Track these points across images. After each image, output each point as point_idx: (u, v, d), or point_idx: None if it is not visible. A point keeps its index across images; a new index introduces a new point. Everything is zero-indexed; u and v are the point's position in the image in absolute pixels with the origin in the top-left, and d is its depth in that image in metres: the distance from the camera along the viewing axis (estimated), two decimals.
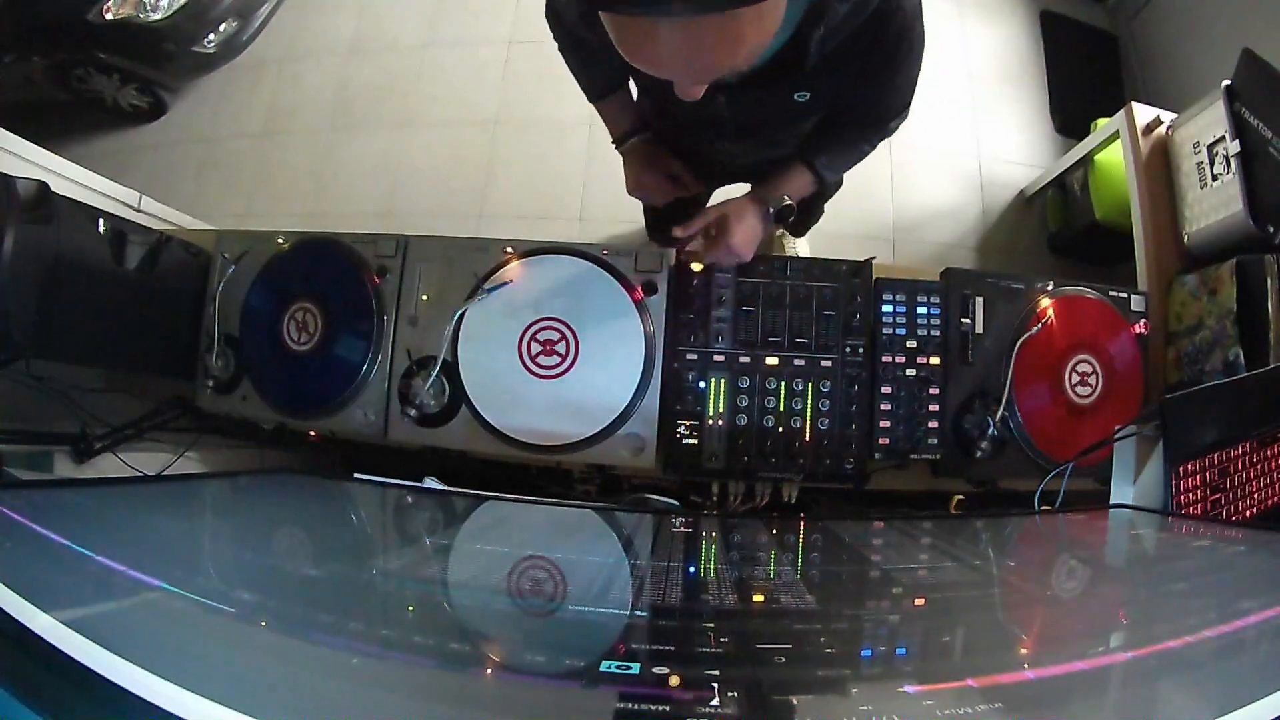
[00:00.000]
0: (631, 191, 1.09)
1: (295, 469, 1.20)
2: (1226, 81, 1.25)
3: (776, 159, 1.06)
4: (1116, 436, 0.81)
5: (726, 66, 0.59)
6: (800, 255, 1.75)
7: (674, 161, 1.08)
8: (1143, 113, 1.46)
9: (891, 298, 1.07)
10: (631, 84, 1.05)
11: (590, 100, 1.05)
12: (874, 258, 1.08)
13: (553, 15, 0.96)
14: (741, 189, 1.06)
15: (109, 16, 2.22)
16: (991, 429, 1.04)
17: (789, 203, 0.99)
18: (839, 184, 1.43)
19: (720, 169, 1.18)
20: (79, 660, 0.33)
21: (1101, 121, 1.79)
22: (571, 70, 1.03)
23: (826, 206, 1.59)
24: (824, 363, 1.05)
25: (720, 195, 1.16)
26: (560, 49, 1.00)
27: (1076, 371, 1.08)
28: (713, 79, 0.63)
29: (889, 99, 0.92)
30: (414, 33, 2.50)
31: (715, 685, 0.37)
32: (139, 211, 1.36)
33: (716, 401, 1.04)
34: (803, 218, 1.67)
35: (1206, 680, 0.42)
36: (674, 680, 0.38)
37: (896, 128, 0.99)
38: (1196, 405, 0.80)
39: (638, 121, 1.06)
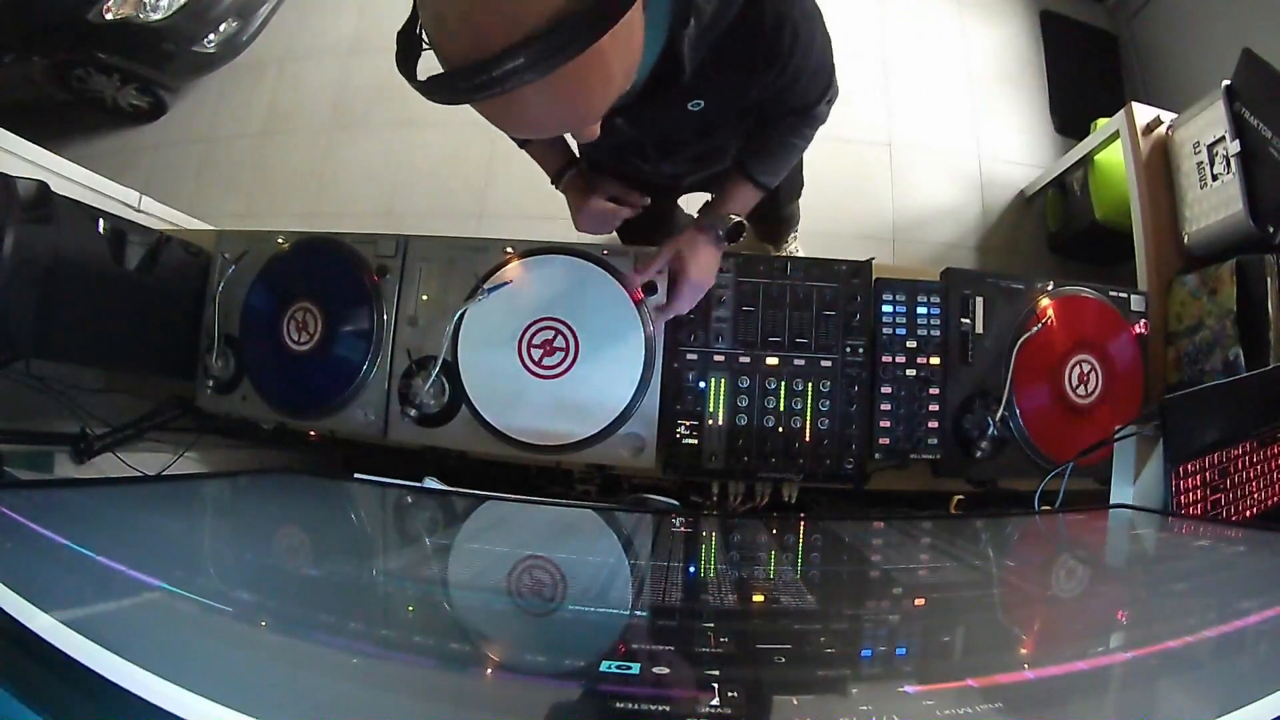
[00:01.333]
0: (579, 228, 1.06)
1: (295, 469, 1.20)
2: (1226, 81, 1.25)
3: (720, 172, 1.05)
4: (1116, 436, 0.81)
5: (606, 100, 0.56)
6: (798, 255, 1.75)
7: (611, 183, 1.04)
8: (1143, 113, 1.46)
9: (891, 298, 1.07)
10: None
11: (520, 145, 1.04)
12: (874, 258, 1.08)
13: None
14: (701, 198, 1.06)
15: (109, 16, 2.22)
16: (991, 429, 1.04)
17: (737, 219, 0.97)
18: (800, 184, 1.41)
19: (670, 188, 1.16)
20: (79, 660, 0.33)
21: (1101, 121, 1.79)
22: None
23: (826, 207, 1.58)
24: (824, 363, 1.05)
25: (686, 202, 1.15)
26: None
27: (1076, 371, 1.08)
28: (599, 117, 0.59)
29: (798, 90, 0.87)
30: None
31: (715, 685, 0.37)
32: (139, 211, 1.36)
33: (716, 401, 1.04)
34: (773, 226, 1.65)
35: (1206, 680, 0.42)
36: (674, 680, 0.38)
37: (826, 113, 0.95)
38: (1196, 405, 0.80)
39: (567, 155, 1.04)
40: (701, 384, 1.05)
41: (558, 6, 0.46)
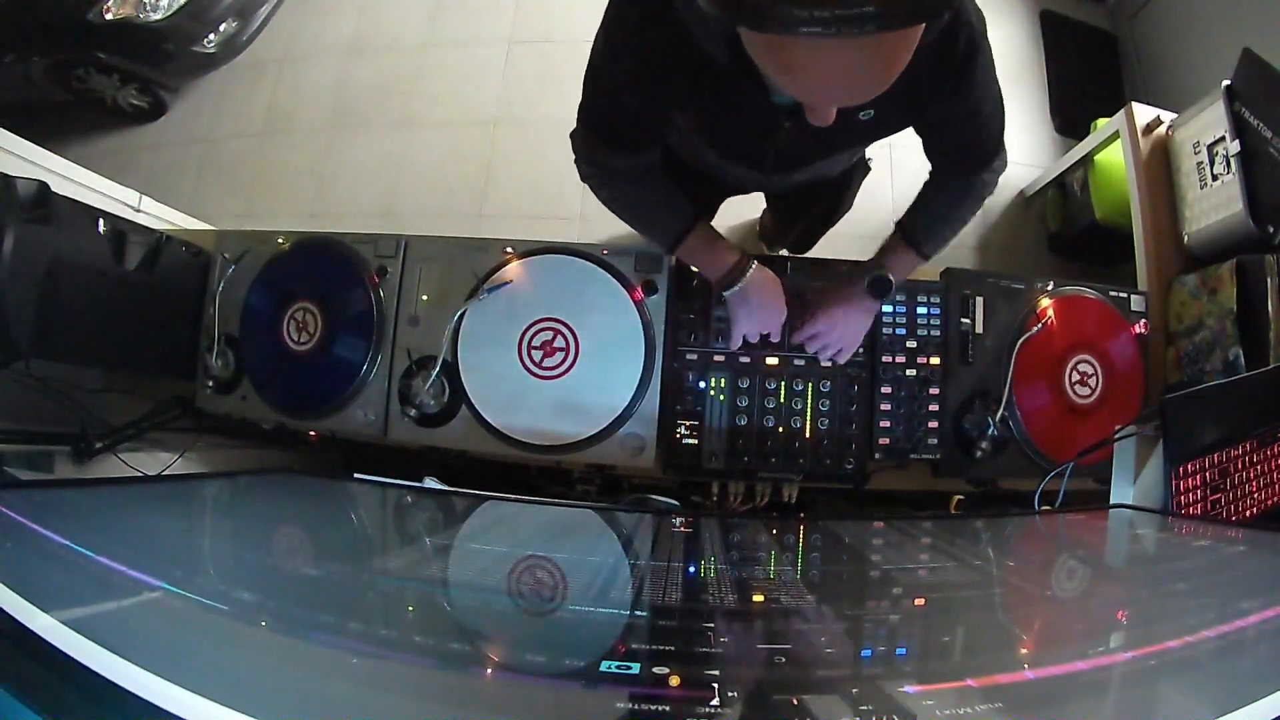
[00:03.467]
0: (756, 330, 0.97)
1: (295, 469, 1.20)
2: (1226, 81, 1.25)
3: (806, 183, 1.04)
4: (1116, 436, 0.81)
5: (882, 86, 0.56)
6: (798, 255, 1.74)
7: (786, 299, 0.97)
8: (1143, 113, 1.46)
9: (892, 298, 1.07)
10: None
11: (674, 243, 0.91)
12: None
13: (598, 163, 0.86)
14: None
15: (109, 16, 2.21)
16: (991, 429, 1.04)
17: (886, 274, 0.94)
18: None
19: (738, 189, 1.15)
20: (79, 660, 0.33)
21: (1101, 121, 1.79)
22: (635, 217, 0.92)
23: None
24: (824, 363, 1.05)
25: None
26: (615, 199, 0.90)
27: (1076, 371, 1.08)
28: (864, 100, 0.58)
29: (978, 124, 0.87)
30: (414, 33, 2.49)
31: (715, 685, 0.37)
32: (139, 211, 1.36)
33: (716, 401, 1.04)
34: (811, 240, 1.65)
35: (1206, 680, 0.42)
36: (674, 680, 0.38)
37: (996, 178, 0.93)
38: (1196, 405, 0.80)
39: (737, 244, 0.94)
40: (701, 384, 1.05)
41: None
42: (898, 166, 2.20)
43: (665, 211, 0.91)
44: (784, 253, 1.86)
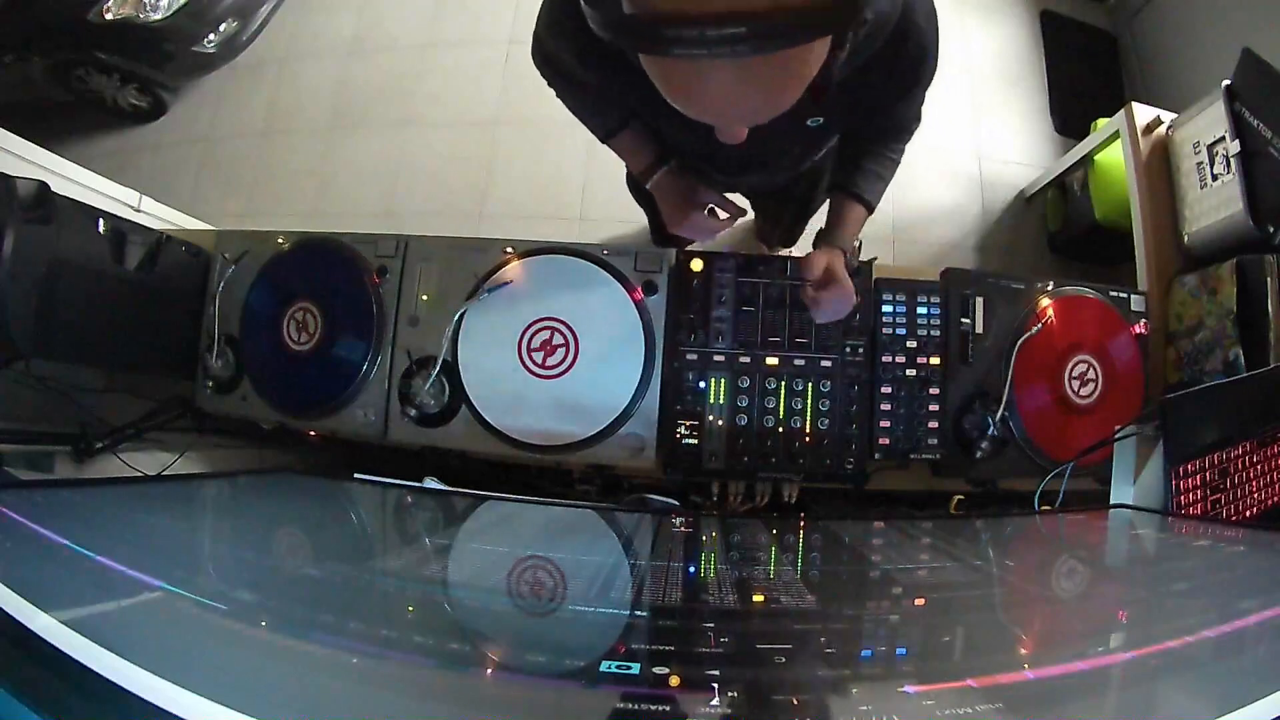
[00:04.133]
0: (675, 229, 1.00)
1: (295, 469, 1.20)
2: (1226, 81, 1.25)
3: (778, 185, 1.04)
4: (1116, 436, 0.81)
5: (778, 107, 0.54)
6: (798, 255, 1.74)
7: (709, 191, 1.00)
8: (1143, 113, 1.46)
9: (891, 298, 1.07)
10: None
11: (601, 140, 0.97)
12: (874, 258, 1.08)
13: (543, 60, 0.91)
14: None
15: (109, 16, 2.21)
16: (991, 429, 1.04)
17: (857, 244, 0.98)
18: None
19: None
20: (79, 660, 0.33)
21: (1101, 121, 1.79)
22: (573, 111, 0.98)
23: (824, 207, 1.58)
24: (824, 363, 1.05)
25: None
26: (557, 94, 0.96)
27: (1076, 371, 1.08)
28: (762, 120, 0.57)
29: (910, 111, 0.91)
30: (414, 33, 2.49)
31: (715, 685, 0.37)
32: (139, 211, 1.36)
33: (716, 401, 1.04)
34: (795, 231, 1.66)
35: (1206, 680, 0.42)
36: (674, 680, 0.38)
37: (913, 133, 0.97)
38: (1196, 405, 0.80)
39: (659, 152, 0.97)
40: (701, 384, 1.05)
41: None
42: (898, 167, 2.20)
43: (596, 113, 0.95)
44: (784, 251, 1.87)
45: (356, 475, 0.99)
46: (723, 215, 0.99)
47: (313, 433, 1.15)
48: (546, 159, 2.24)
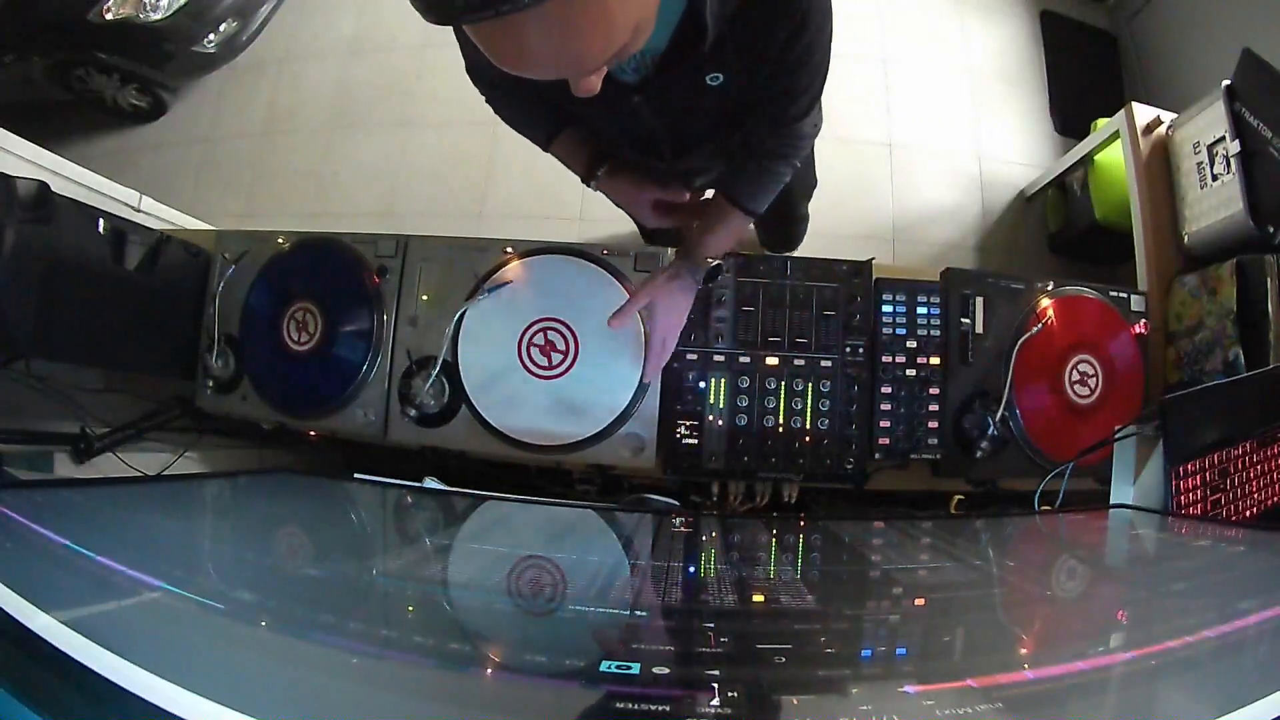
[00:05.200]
0: (646, 223, 1.05)
1: (295, 469, 1.20)
2: (1226, 81, 1.25)
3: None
4: (1116, 436, 0.81)
5: (607, 48, 0.55)
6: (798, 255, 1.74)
7: (650, 184, 1.02)
8: (1143, 113, 1.46)
9: (891, 298, 1.07)
10: None
11: (545, 148, 1.02)
12: (874, 258, 1.08)
13: (474, 74, 0.95)
14: None
15: (109, 16, 2.21)
16: (991, 429, 1.04)
17: (715, 263, 1.01)
18: (813, 182, 1.41)
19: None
20: (79, 660, 0.33)
21: (1101, 121, 1.79)
22: (512, 126, 1.03)
23: (826, 207, 1.57)
24: (824, 363, 1.05)
25: None
26: (495, 110, 1.00)
27: (1076, 371, 1.08)
28: (598, 65, 0.58)
29: (794, 88, 0.85)
30: (414, 33, 2.49)
31: (715, 685, 0.37)
32: (139, 211, 1.36)
33: (716, 401, 1.04)
34: (785, 232, 1.64)
35: (1206, 680, 0.42)
36: (674, 680, 0.38)
37: (810, 138, 0.94)
38: (1196, 405, 0.80)
39: (596, 151, 1.01)
40: (701, 384, 1.05)
41: None
42: (897, 169, 2.20)
43: (533, 124, 1.01)
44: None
45: (356, 475, 0.99)
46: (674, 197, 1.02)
47: (313, 433, 1.15)
48: (546, 159, 2.23)
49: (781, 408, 1.04)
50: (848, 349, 1.05)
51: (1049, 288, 1.10)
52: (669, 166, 1.01)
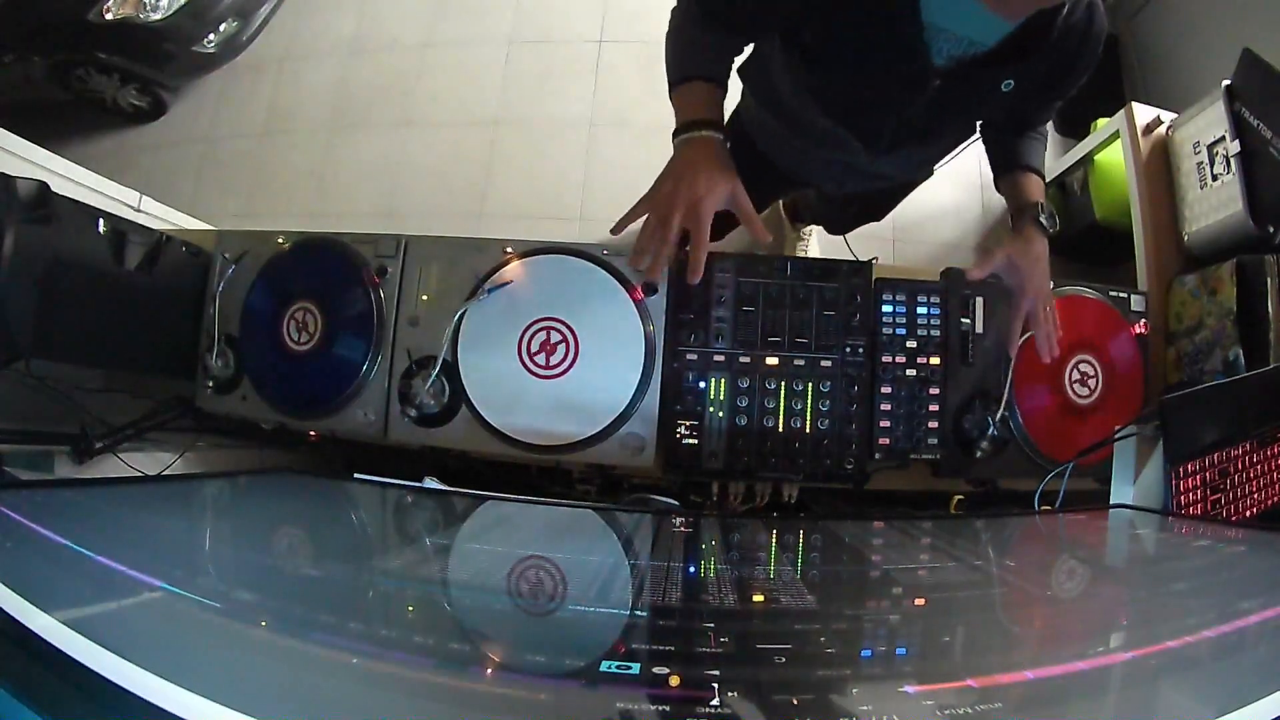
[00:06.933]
0: (643, 217, 0.87)
1: (295, 469, 1.20)
2: (1226, 81, 1.25)
3: (896, 183, 1.08)
4: (1116, 436, 0.81)
5: None
6: (810, 256, 1.74)
7: (739, 195, 0.88)
8: (1143, 113, 1.46)
9: (891, 298, 1.07)
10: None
11: (688, 77, 0.87)
12: (874, 258, 1.08)
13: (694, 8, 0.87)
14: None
15: (109, 16, 2.22)
16: (992, 429, 1.04)
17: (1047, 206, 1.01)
18: None
19: (817, 192, 1.18)
20: (79, 660, 0.33)
21: (1101, 121, 1.79)
22: (683, 43, 0.89)
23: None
24: (824, 363, 1.05)
25: None
26: (691, 20, 0.88)
27: (1076, 371, 1.08)
28: None
29: (1076, 86, 0.92)
30: (414, 33, 2.50)
31: (715, 685, 0.37)
32: (139, 211, 1.36)
33: (716, 401, 1.04)
34: (867, 219, 1.65)
35: (1206, 680, 0.42)
36: (674, 680, 0.38)
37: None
38: (1196, 405, 0.80)
39: (721, 112, 0.88)
40: (701, 384, 1.05)
41: None
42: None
43: (713, 51, 0.89)
44: (804, 238, 1.85)
45: (356, 475, 0.99)
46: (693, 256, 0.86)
47: (313, 433, 1.15)
48: (546, 159, 2.24)
49: (781, 408, 1.04)
50: (848, 349, 1.05)
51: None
52: (866, 163, 1.02)
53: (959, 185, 2.22)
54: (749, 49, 0.99)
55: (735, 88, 1.03)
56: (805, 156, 1.02)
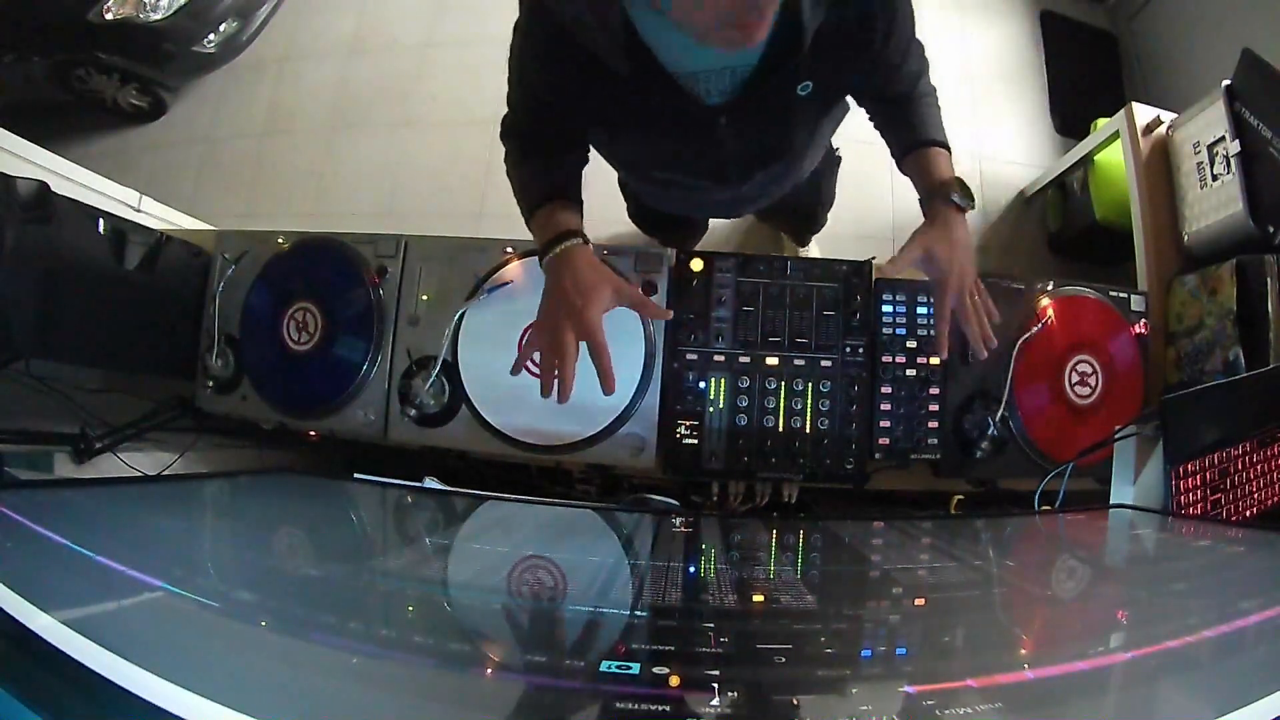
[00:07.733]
0: (560, 310, 0.83)
1: (295, 469, 1.20)
2: (1226, 81, 1.25)
3: (777, 199, 1.05)
4: (1116, 436, 0.81)
5: None
6: (799, 256, 1.75)
7: (608, 272, 0.86)
8: (1143, 113, 1.46)
9: (891, 298, 1.07)
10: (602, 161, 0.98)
11: (534, 206, 0.90)
12: (874, 258, 1.08)
13: (510, 128, 0.92)
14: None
15: (109, 16, 2.21)
16: (991, 429, 1.04)
17: (959, 179, 0.89)
18: (834, 196, 1.44)
19: (702, 219, 1.16)
20: (79, 660, 0.33)
21: (1101, 121, 1.79)
22: (520, 182, 0.93)
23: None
24: (824, 363, 1.05)
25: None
26: (514, 162, 0.93)
27: (1076, 372, 1.08)
28: (768, 11, 0.60)
29: (910, 61, 0.87)
30: (414, 33, 2.50)
31: (715, 685, 0.37)
32: (139, 211, 1.36)
33: (716, 401, 1.04)
34: (808, 224, 1.67)
35: (1206, 680, 0.42)
36: (674, 680, 0.38)
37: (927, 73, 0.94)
38: (1196, 405, 0.80)
39: (570, 229, 0.87)
40: (701, 384, 1.05)
41: None
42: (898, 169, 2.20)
43: (545, 176, 0.92)
44: (807, 250, 1.87)
45: (356, 475, 0.99)
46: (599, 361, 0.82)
47: (313, 433, 1.15)
48: None
49: (781, 408, 1.04)
50: (848, 349, 1.05)
51: (1049, 287, 1.10)
52: (729, 194, 0.99)
53: None
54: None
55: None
56: (685, 200, 1.02)
